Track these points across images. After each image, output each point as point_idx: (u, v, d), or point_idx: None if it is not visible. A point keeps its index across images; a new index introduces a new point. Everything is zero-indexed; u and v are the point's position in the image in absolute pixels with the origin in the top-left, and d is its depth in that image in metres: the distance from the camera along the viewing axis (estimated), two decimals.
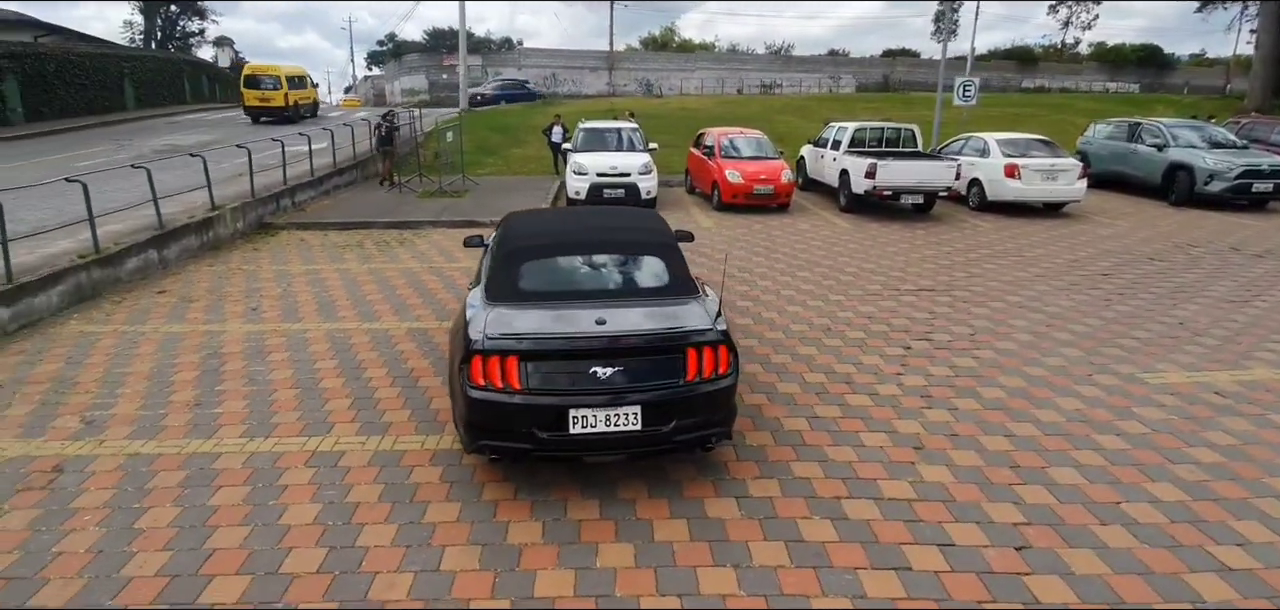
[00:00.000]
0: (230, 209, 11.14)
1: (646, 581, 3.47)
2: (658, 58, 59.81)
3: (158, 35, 48.45)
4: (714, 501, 4.13)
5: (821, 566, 3.58)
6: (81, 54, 29.12)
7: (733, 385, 4.15)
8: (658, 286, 4.73)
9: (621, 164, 13.54)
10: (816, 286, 8.56)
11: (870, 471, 4.45)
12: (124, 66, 31.86)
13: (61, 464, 4.51)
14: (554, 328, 4.15)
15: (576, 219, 6.11)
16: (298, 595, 3.36)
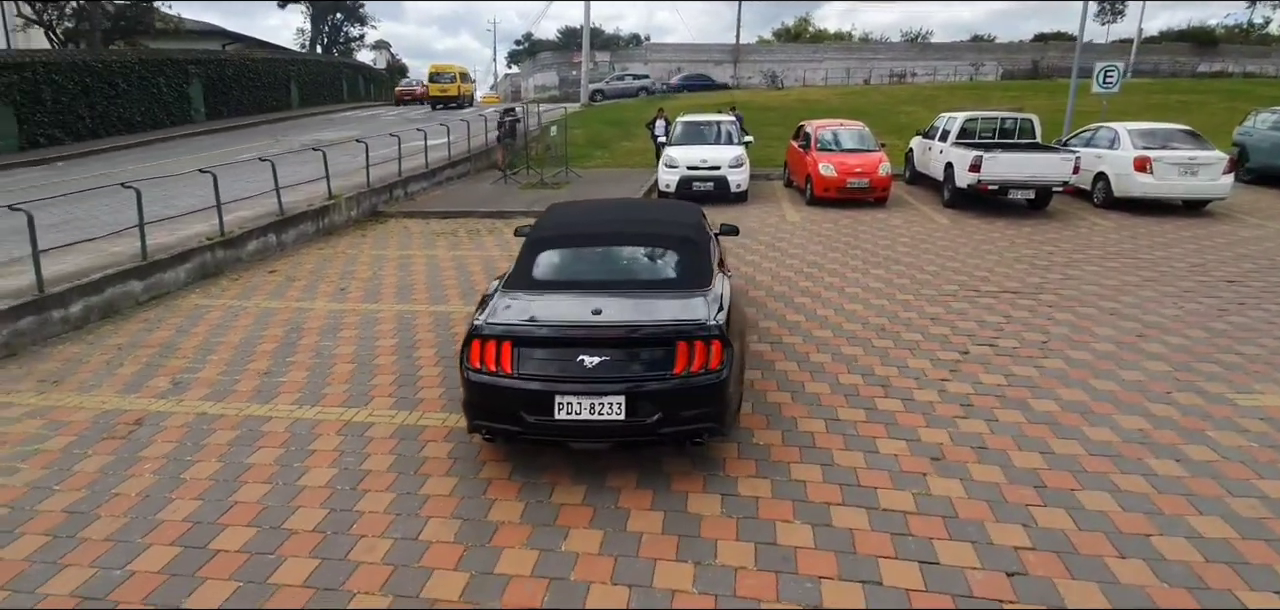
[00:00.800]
0: (345, 198, 12.24)
1: (604, 569, 3.51)
2: (784, 49, 58.50)
3: (323, 40, 53.58)
4: (699, 497, 4.09)
5: (785, 572, 3.46)
6: (255, 59, 32.80)
7: (722, 381, 4.07)
8: (667, 279, 4.75)
9: (711, 157, 13.46)
10: (887, 285, 8.13)
11: (874, 480, 4.22)
12: (290, 70, 35.53)
13: (143, 418, 5.21)
14: (545, 315, 4.27)
15: (605, 211, 6.19)
16: (289, 549, 3.70)
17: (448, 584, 3.42)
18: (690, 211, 5.77)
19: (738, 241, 10.38)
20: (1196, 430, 4.74)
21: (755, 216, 12.31)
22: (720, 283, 4.84)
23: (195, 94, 27.55)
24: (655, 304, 4.43)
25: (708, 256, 5.01)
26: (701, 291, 4.57)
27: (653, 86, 42.02)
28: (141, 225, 8.23)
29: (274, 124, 28.02)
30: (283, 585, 3.43)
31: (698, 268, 4.83)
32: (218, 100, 28.89)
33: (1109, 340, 6.37)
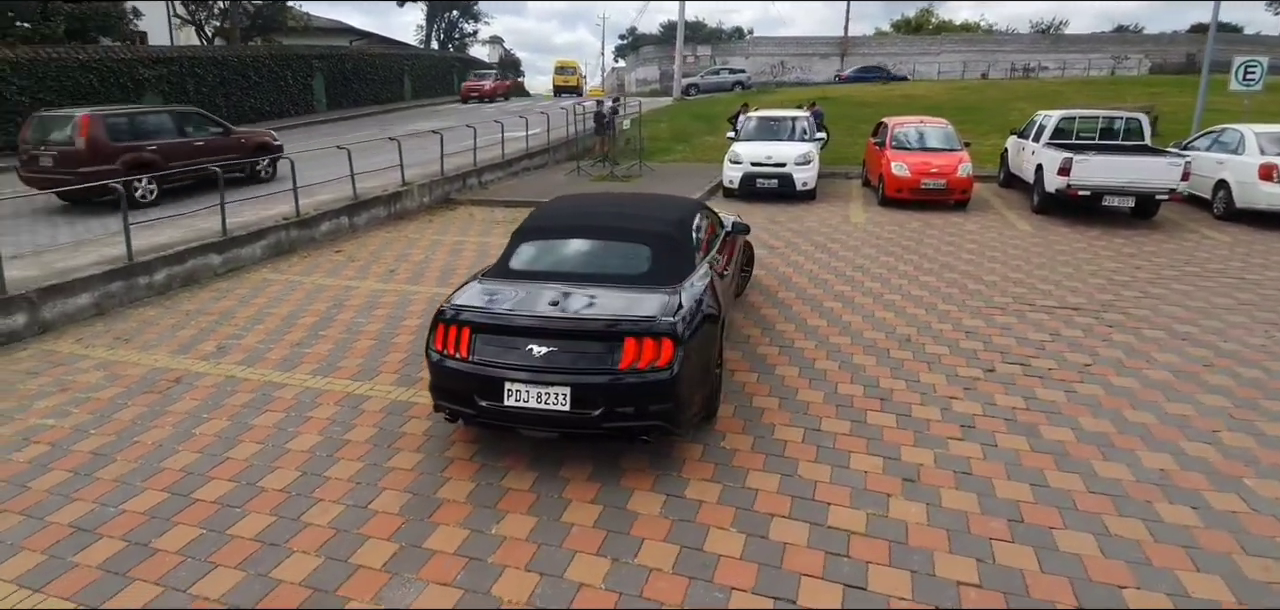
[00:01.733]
0: (418, 184, 12.92)
1: (524, 555, 3.56)
2: (896, 42, 55.85)
3: (439, 36, 56.59)
4: (644, 494, 4.05)
5: (700, 579, 3.37)
6: (372, 55, 35.10)
7: (670, 380, 4.00)
8: (637, 274, 4.71)
9: (777, 154, 13.11)
10: (932, 294, 7.63)
11: (832, 496, 4.01)
12: (404, 64, 37.75)
13: (182, 377, 5.77)
14: (503, 305, 4.36)
15: (595, 205, 6.17)
16: (255, 505, 4.00)
17: (376, 553, 3.58)
18: (679, 208, 5.66)
19: (786, 242, 10.08)
20: (1233, 476, 4.16)
21: (817, 216, 11.88)
22: (698, 281, 4.75)
23: (318, 86, 29.84)
24: (615, 298, 4.42)
25: (684, 253, 4.93)
26: (667, 288, 4.50)
27: (748, 81, 41.25)
28: (222, 205, 9.07)
29: (384, 114, 29.87)
30: (238, 537, 3.72)
31: (670, 264, 4.77)
32: (338, 92, 31.14)
33: (1167, 368, 5.69)
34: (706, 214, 6.17)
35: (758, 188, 13.08)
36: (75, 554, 3.60)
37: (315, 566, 3.49)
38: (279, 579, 3.40)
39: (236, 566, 3.49)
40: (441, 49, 54.25)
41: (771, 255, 9.34)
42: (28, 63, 19.14)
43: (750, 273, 7.81)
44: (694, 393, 4.27)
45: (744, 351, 6.13)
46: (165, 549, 3.63)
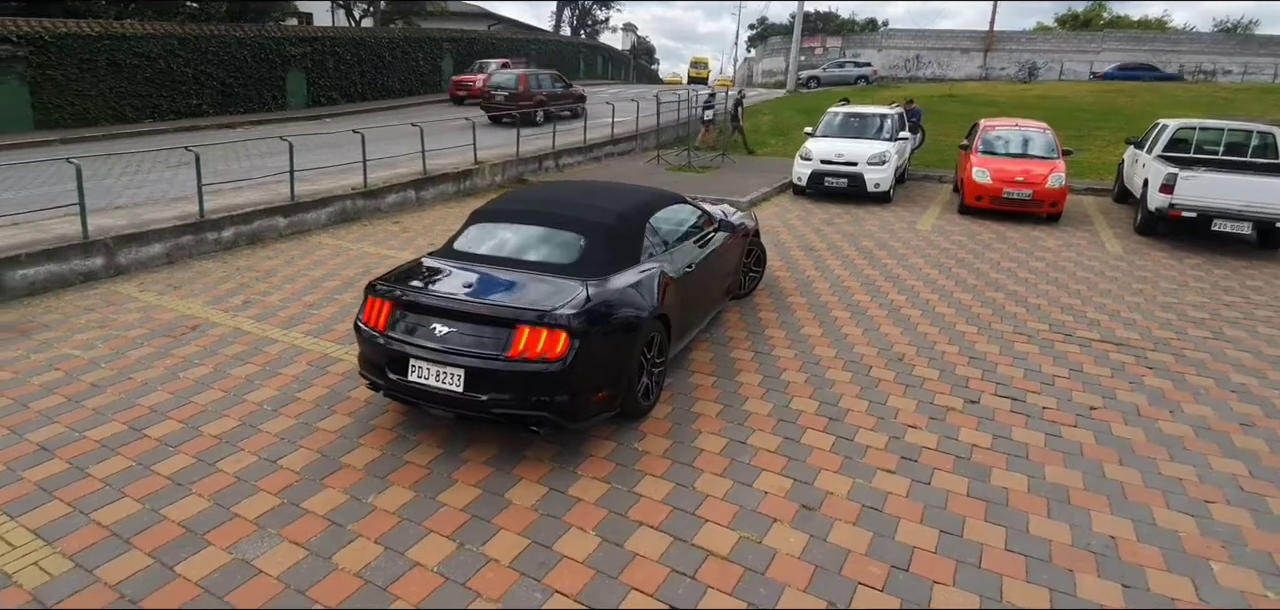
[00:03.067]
0: (490, 163, 13.44)
1: (381, 527, 3.66)
2: (1048, 38, 50.92)
3: (571, 23, 58.27)
4: (528, 486, 4.03)
5: (529, 576, 3.33)
6: (499, 39, 36.65)
7: (559, 373, 3.96)
8: (566, 263, 4.68)
9: (849, 152, 12.43)
10: (958, 312, 6.98)
11: (717, 513, 3.81)
12: (529, 48, 39.14)
13: (199, 325, 6.39)
14: (418, 282, 4.47)
15: (553, 193, 6.10)
16: (189, 446, 4.37)
17: (257, 505, 3.82)
18: (636, 201, 5.51)
19: (830, 245, 9.56)
20: (1200, 557, 3.53)
21: (881, 220, 11.14)
22: (630, 277, 4.64)
23: (446, 68, 31.64)
24: (528, 285, 4.41)
25: (624, 247, 4.86)
26: (587, 280, 4.43)
27: (875, 75, 39.13)
28: (291, 173, 9.90)
29: None
30: (156, 473, 4.09)
31: (604, 257, 4.70)
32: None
33: (1193, 422, 4.88)
34: (681, 209, 5.99)
35: (826, 187, 12.47)
36: (27, 469, 4.10)
37: (201, 509, 3.77)
38: (166, 516, 3.71)
39: (140, 499, 3.84)
40: (574, 35, 55.81)
41: (807, 257, 8.89)
42: (193, 39, 21.68)
43: (760, 274, 7.49)
44: (592, 389, 4.20)
45: (717, 353, 5.92)
46: (95, 475, 4.06)
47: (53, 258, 7.42)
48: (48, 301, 6.96)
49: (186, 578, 3.28)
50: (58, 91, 18.33)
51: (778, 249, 9.31)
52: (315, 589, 3.22)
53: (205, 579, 3.27)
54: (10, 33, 17.68)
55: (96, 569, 3.32)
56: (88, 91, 18.98)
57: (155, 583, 3.24)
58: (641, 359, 4.67)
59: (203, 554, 3.43)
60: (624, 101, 20.82)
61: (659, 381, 4.99)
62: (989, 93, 29.73)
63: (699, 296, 5.72)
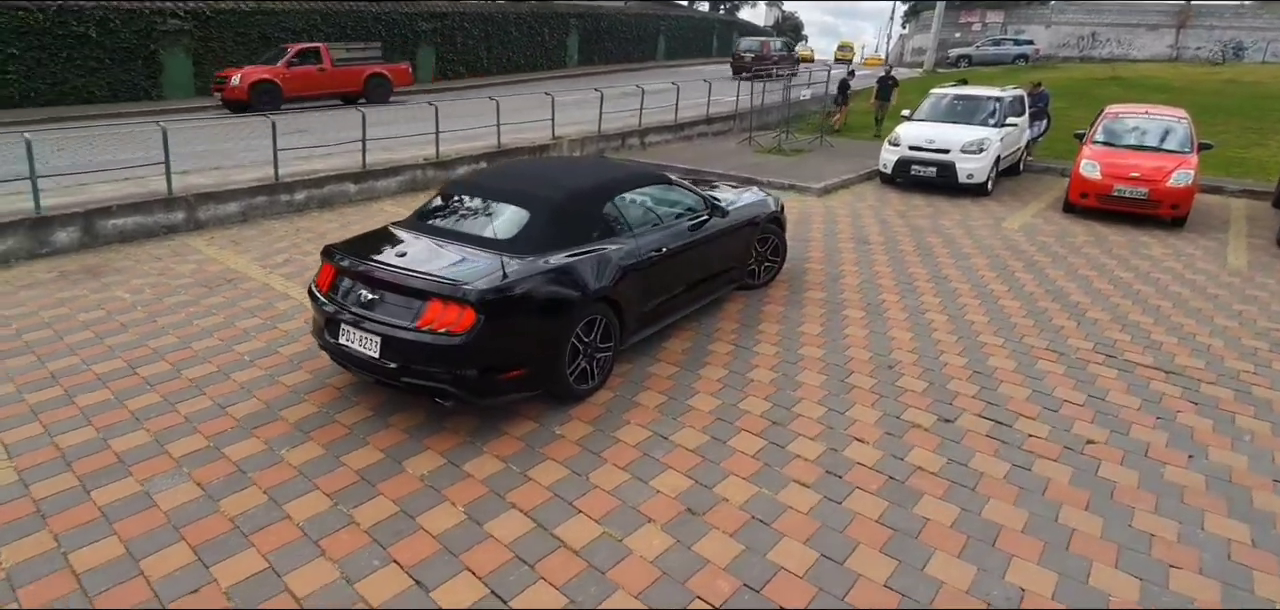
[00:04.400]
0: (569, 139, 13.64)
1: (278, 478, 3.85)
2: (1258, 16, 43.76)
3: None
4: (429, 456, 4.08)
5: (378, 541, 3.36)
6: (628, 14, 36.79)
7: (460, 346, 3.97)
8: (503, 238, 4.67)
9: (941, 138, 11.38)
10: (990, 322, 6.22)
11: (594, 505, 3.68)
12: (660, 24, 39.18)
13: (235, 278, 7.00)
14: (360, 249, 4.60)
15: (521, 169, 6.04)
16: (169, 386, 4.82)
17: (187, 445, 4.15)
18: (598, 179, 5.35)
19: (886, 239, 8.84)
20: None
21: (962, 215, 10.12)
22: (563, 258, 4.54)
23: (572, 43, 32.49)
24: (460, 259, 4.43)
25: (571, 226, 4.78)
26: (519, 256, 4.40)
27: (1036, 54, 35.33)
28: (363, 141, 10.57)
29: (623, 73, 31.34)
30: (127, 408, 4.54)
31: (544, 234, 4.65)
32: (590, 49, 33.59)
33: (1214, 470, 4.06)
34: (665, 190, 5.75)
35: (913, 176, 11.51)
36: (31, 393, 4.70)
37: (141, 443, 4.15)
38: (110, 445, 4.11)
39: (100, 429, 4.29)
40: (713, 10, 55.16)
41: (855, 250, 8.26)
42: (334, 14, 23.68)
43: (777, 265, 7.05)
44: (503, 367, 4.16)
45: (695, 343, 5.66)
46: (77, 403, 4.58)
47: (139, 210, 8.41)
48: (128, 249, 7.91)
49: (96, 503, 3.62)
50: (216, 61, 20.68)
51: (827, 239, 8.75)
52: (190, 527, 3.45)
53: (109, 505, 3.60)
54: (179, 9, 20.15)
55: (31, 485, 3.75)
56: (240, 62, 21.26)
57: (67, 504, 3.61)
58: (578, 342, 4.57)
59: (119, 483, 3.78)
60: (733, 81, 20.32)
61: (605, 366, 4.86)
62: (1162, 75, 26.15)
63: (674, 282, 5.49)
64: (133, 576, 3.14)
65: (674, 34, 40.21)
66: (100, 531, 3.42)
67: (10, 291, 6.58)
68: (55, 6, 17.64)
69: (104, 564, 3.21)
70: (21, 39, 17.25)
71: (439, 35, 26.52)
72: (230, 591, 3.06)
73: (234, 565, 3.21)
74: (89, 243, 8.01)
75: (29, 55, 17.46)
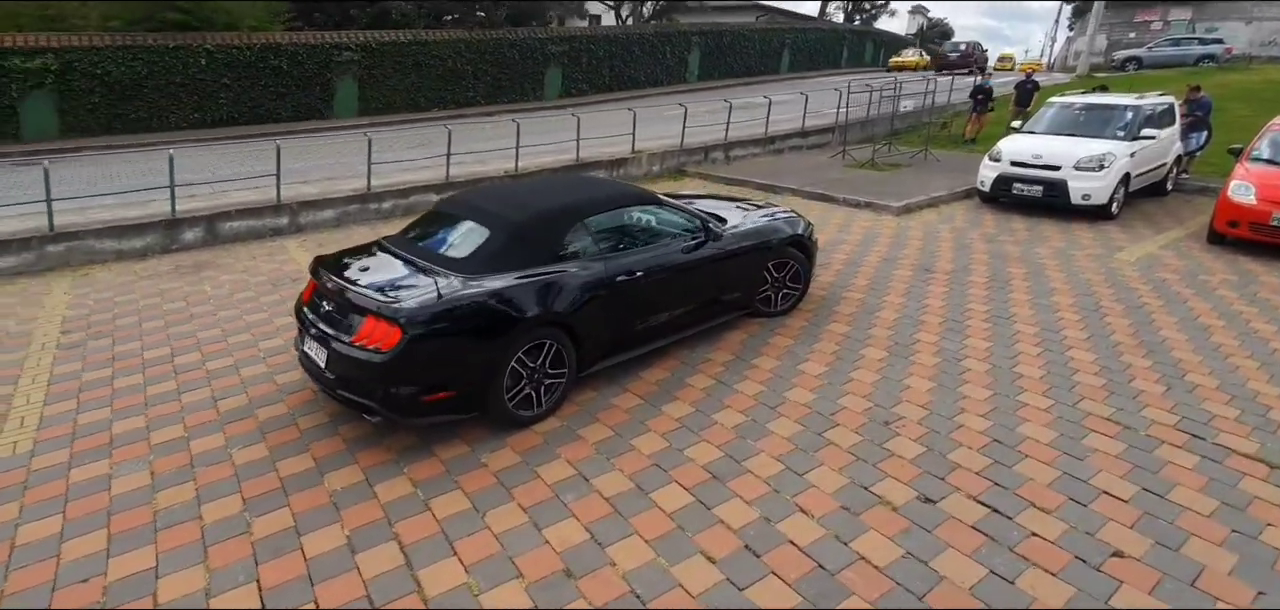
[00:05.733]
0: (649, 153, 13.58)
1: (219, 475, 4.10)
2: None
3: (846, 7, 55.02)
4: (349, 471, 4.16)
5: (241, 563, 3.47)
6: (753, 29, 36.15)
7: (382, 365, 4.03)
8: (457, 257, 4.71)
9: (1052, 153, 9.96)
10: (1049, 379, 5.25)
11: (472, 551, 3.54)
12: (785, 37, 38.06)
13: (300, 277, 7.61)
14: (338, 265, 4.78)
15: (502, 188, 6.00)
16: (192, 375, 5.34)
17: (167, 434, 4.56)
18: (563, 197, 5.19)
19: (957, 267, 7.84)
20: None
21: (1066, 242, 8.71)
22: (510, 280, 4.48)
23: (692, 60, 32.42)
24: (408, 277, 4.50)
25: (527, 246, 4.71)
26: (464, 277, 4.42)
27: (1225, 55, 29.97)
28: (448, 155, 11.17)
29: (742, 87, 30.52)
30: (148, 393, 5.08)
31: (497, 255, 4.63)
32: (711, 65, 33.33)
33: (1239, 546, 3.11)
34: (649, 212, 5.50)
35: (1016, 195, 10.19)
36: (90, 372, 5.40)
37: (133, 428, 4.61)
38: (113, 426, 4.61)
39: (116, 409, 4.83)
40: (847, 22, 52.69)
41: (907, 278, 7.41)
42: (476, 42, 25.30)
43: (798, 292, 6.48)
44: (428, 388, 4.16)
45: (674, 375, 5.32)
46: (116, 386, 5.19)
47: (252, 215, 9.47)
48: (237, 249, 8.91)
49: (76, 481, 4.07)
50: (376, 86, 22.86)
51: (884, 264, 7.95)
52: (119, 516, 3.77)
53: (77, 482, 4.04)
54: (351, 41, 22.50)
55: (36, 457, 4.30)
56: (396, 87, 23.28)
57: (50, 477, 4.09)
58: (521, 367, 4.48)
59: (96, 464, 4.22)
60: (853, 92, 19.15)
61: (556, 393, 4.72)
62: None
63: (653, 309, 5.23)
64: (49, 557, 3.47)
65: (800, 47, 38.78)
66: (54, 508, 3.83)
67: (134, 280, 7.65)
68: (259, 45, 20.42)
69: (39, 540, 3.58)
70: (231, 70, 20.05)
71: (566, 58, 27.55)
72: (110, 588, 3.28)
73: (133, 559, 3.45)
74: (211, 241, 9.15)
75: (237, 84, 20.26)
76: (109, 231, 8.41)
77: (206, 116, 19.45)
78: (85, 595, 3.24)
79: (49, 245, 8.02)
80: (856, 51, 42.75)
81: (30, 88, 16.16)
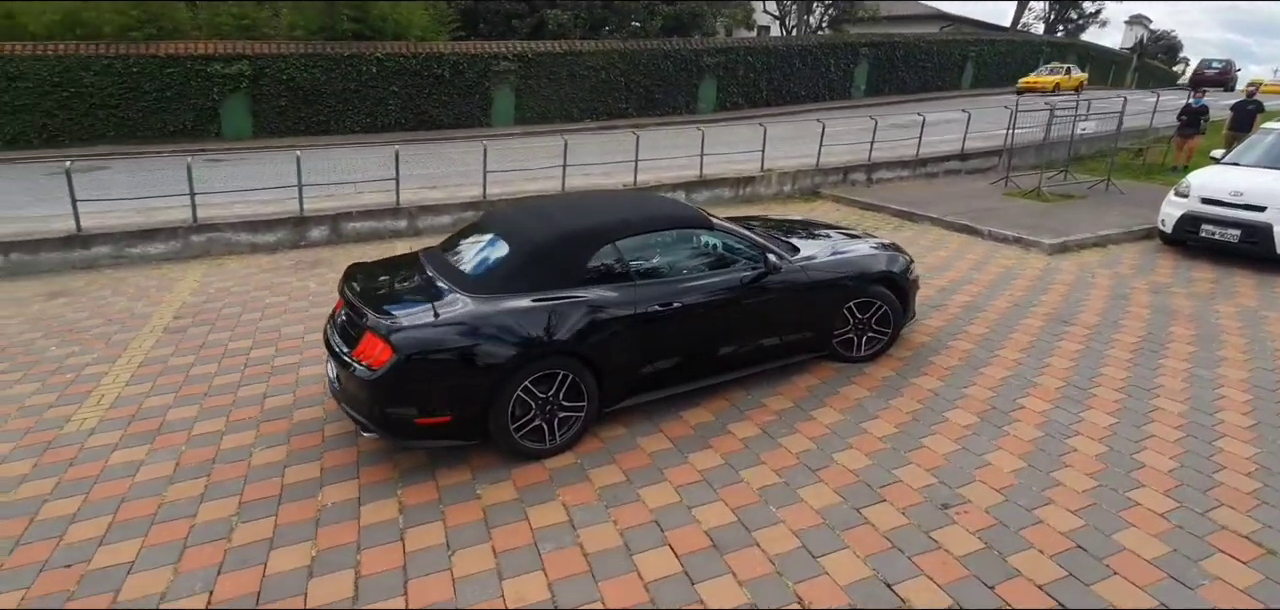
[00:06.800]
0: (778, 172, 12.83)
1: (237, 473, 4.20)
2: None
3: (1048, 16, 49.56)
4: (342, 486, 4.07)
5: (196, 574, 3.44)
6: (929, 41, 33.63)
7: (371, 381, 3.91)
8: (473, 276, 4.51)
9: (1255, 190, 8.08)
10: (1180, 470, 4.10)
11: (425, 594, 3.27)
12: (969, 50, 35.00)
13: None
14: (363, 278, 4.74)
15: (541, 204, 5.54)
16: (233, 361, 5.64)
17: (181, 415, 4.76)
18: (591, 218, 4.83)
19: (1109, 320, 6.49)
20: None
21: (1259, 301, 6.95)
22: (515, 304, 4.21)
23: (859, 73, 30.67)
24: (422, 295, 4.36)
25: (545, 268, 4.40)
26: (476, 296, 4.24)
27: None
28: (564, 167, 11.21)
29: (912, 103, 28.58)
30: (191, 377, 5.41)
31: (512, 277, 4.37)
32: (881, 79, 31.34)
33: None
34: (697, 236, 4.98)
35: (1204, 238, 8.36)
36: (175, 357, 5.86)
37: (189, 414, 4.89)
38: (166, 415, 4.92)
39: (164, 392, 5.16)
40: (1048, 32, 47.49)
41: (1044, 332, 6.23)
42: (630, 53, 25.67)
43: (886, 338, 5.63)
44: (419, 410, 3.99)
45: (717, 420, 4.76)
46: (172, 364, 5.58)
47: (373, 217, 10.05)
48: (354, 248, 9.47)
49: (112, 463, 4.34)
50: (531, 96, 23.90)
51: (1013, 312, 6.78)
52: (129, 504, 3.93)
53: (112, 466, 4.30)
54: (508, 52, 23.72)
55: (94, 435, 4.66)
56: (550, 97, 24.16)
57: (95, 456, 4.39)
58: (530, 397, 4.18)
59: (137, 449, 4.48)
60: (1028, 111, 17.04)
61: (572, 427, 4.38)
62: None
63: (693, 345, 4.74)
64: (55, 538, 3.67)
65: (986, 60, 35.15)
66: (82, 489, 4.08)
67: (255, 272, 8.35)
68: (424, 53, 22.10)
69: (56, 518, 3.82)
70: (398, 78, 21.88)
71: (722, 70, 27.08)
72: (86, 577, 3.39)
73: (118, 551, 3.56)
74: (334, 239, 9.82)
75: (404, 92, 22.07)
76: (245, 225, 9.27)
77: (376, 122, 21.30)
78: (62, 581, 3.35)
79: (192, 235, 8.97)
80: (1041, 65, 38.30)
81: (228, 92, 18.56)
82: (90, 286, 7.84)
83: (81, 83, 17.65)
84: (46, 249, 8.44)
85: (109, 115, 18.04)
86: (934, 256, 8.83)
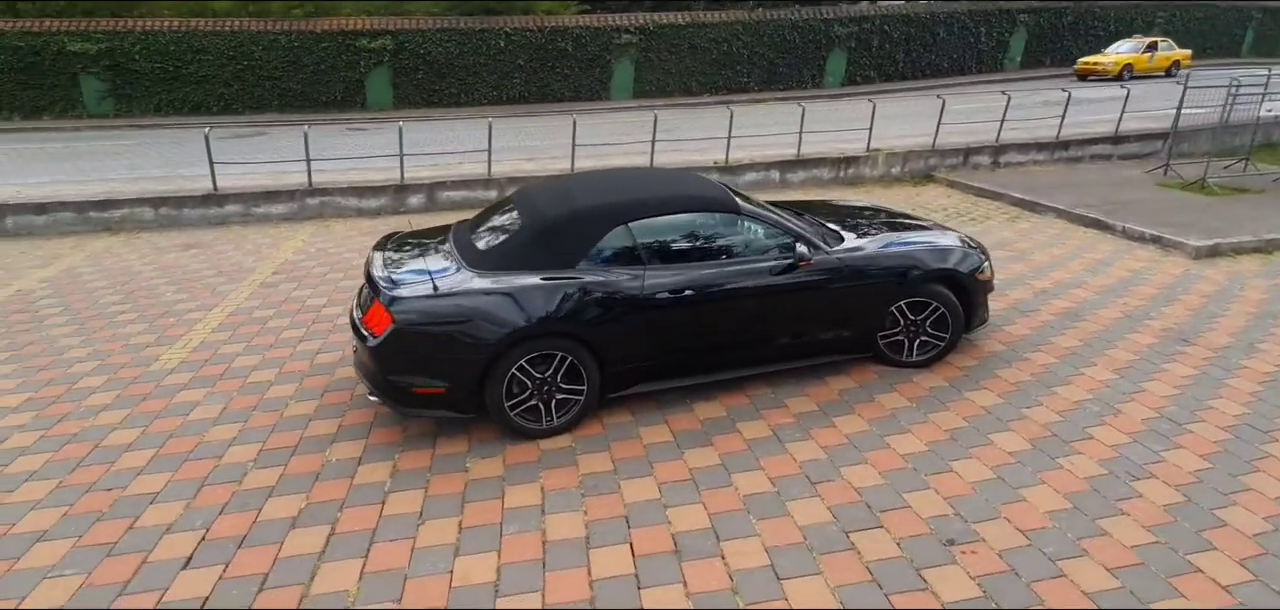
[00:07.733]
0: (886, 152, 11.93)
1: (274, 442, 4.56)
2: None
3: None
4: (341, 444, 4.29)
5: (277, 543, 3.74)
6: (1105, 4, 29.73)
7: (372, 350, 4.09)
8: (482, 250, 4.53)
9: None
10: (1270, 533, 3.38)
11: (383, 561, 3.37)
12: (1155, 15, 30.61)
13: None
14: (390, 248, 4.91)
15: (567, 182, 5.28)
16: (264, 340, 6.08)
17: (189, 392, 5.20)
18: (605, 194, 4.70)
19: (1246, 341, 5.46)
20: None
21: None
22: (526, 281, 4.21)
23: (1015, 43, 27.83)
24: (433, 267, 4.43)
25: (554, 247, 4.35)
26: (478, 271, 4.29)
27: None
28: (652, 143, 11.08)
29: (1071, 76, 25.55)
30: (220, 349, 5.90)
31: (513, 252, 4.39)
32: (1041, 48, 28.29)
33: None
34: (725, 222, 4.68)
35: None
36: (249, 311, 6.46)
37: (219, 370, 5.37)
38: (200, 370, 5.42)
39: (233, 341, 5.68)
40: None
41: (1149, 352, 5.36)
42: (754, 24, 24.89)
43: (944, 342, 5.06)
44: (415, 380, 4.09)
45: (729, 415, 4.51)
46: (240, 330, 6.11)
47: (466, 186, 10.51)
48: (445, 214, 9.89)
49: (174, 403, 4.86)
50: (651, 70, 23.88)
51: (1121, 324, 5.88)
52: (128, 456, 4.37)
53: (173, 404, 4.80)
54: (630, 24, 23.79)
55: (171, 375, 5.22)
56: (670, 69, 24.03)
57: (164, 393, 4.92)
58: (526, 376, 4.18)
59: (196, 392, 4.97)
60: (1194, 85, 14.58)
61: (571, 410, 4.34)
62: None
63: (708, 334, 4.53)
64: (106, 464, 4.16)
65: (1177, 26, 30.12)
66: (140, 424, 4.58)
67: (354, 235, 9.01)
68: (549, 27, 22.65)
69: (120, 445, 4.32)
70: (524, 52, 22.63)
71: (853, 41, 25.51)
72: (118, 503, 3.80)
73: (112, 528, 3.97)
74: (430, 206, 10.38)
75: (529, 65, 22.81)
76: (352, 191, 10.00)
77: (502, 94, 22.20)
78: (99, 502, 3.78)
79: (308, 198, 9.81)
80: (1268, 31, 32.64)
81: (373, 65, 20.05)
82: (217, 241, 8.80)
83: (252, 56, 19.79)
84: (189, 205, 9.56)
85: (273, 86, 20.12)
86: (1046, 253, 7.86)
